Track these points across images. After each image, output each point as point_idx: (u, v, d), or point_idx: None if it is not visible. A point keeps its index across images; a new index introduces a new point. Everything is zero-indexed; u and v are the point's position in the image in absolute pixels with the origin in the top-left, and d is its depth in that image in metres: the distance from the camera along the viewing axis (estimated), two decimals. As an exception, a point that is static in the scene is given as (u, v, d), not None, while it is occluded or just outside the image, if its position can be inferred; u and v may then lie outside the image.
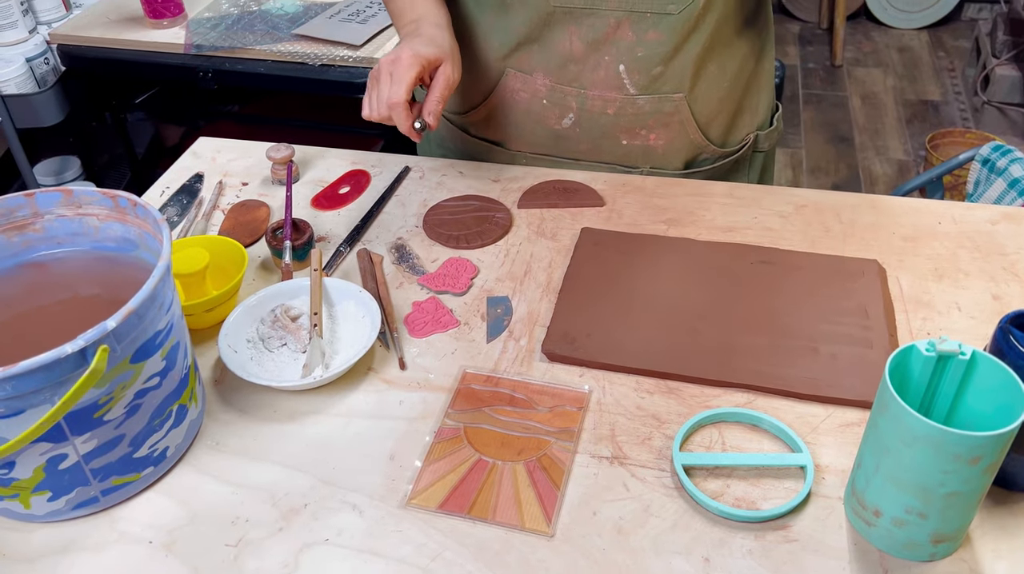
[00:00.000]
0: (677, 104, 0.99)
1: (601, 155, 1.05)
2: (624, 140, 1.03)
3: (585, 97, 0.99)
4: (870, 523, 0.62)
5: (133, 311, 0.60)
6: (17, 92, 1.78)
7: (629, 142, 1.03)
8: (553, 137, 1.05)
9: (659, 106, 0.99)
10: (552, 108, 1.02)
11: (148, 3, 1.70)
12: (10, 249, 0.74)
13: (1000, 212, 0.95)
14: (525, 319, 0.84)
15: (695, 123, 1.01)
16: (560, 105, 1.01)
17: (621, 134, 1.02)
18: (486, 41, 1.01)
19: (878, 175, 2.74)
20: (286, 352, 0.80)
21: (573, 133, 1.03)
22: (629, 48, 0.94)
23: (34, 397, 0.58)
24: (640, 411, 0.74)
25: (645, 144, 1.03)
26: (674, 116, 1.00)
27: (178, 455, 0.71)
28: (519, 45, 0.99)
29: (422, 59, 0.87)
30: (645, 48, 0.94)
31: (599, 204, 0.98)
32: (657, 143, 1.03)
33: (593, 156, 1.06)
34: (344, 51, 1.62)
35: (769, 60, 1.08)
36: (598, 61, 0.96)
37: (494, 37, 1.00)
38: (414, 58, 0.87)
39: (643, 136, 1.02)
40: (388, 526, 0.66)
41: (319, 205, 1.01)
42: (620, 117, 1.00)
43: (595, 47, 0.95)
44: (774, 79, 1.11)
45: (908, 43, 3.47)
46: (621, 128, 1.01)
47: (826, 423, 0.72)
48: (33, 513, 0.65)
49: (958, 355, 0.59)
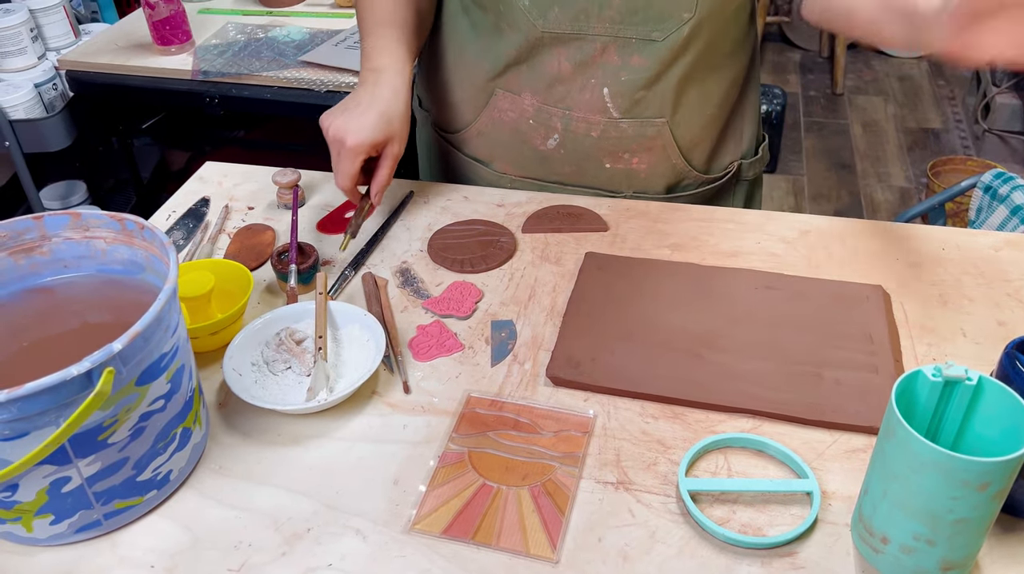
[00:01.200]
0: (659, 128, 1.00)
1: (584, 178, 1.06)
2: (607, 163, 1.04)
3: (570, 118, 1.01)
4: (878, 550, 0.62)
5: (139, 333, 0.60)
6: (25, 117, 1.79)
7: (612, 165, 1.04)
8: (538, 159, 1.06)
9: (641, 130, 1.00)
10: (538, 128, 1.03)
11: (156, 30, 1.72)
12: (17, 272, 0.74)
13: (1003, 239, 0.96)
14: (529, 343, 0.84)
15: (677, 148, 1.02)
16: (546, 126, 1.03)
17: (604, 157, 1.03)
18: (477, 63, 1.04)
19: (880, 202, 2.75)
20: (290, 375, 0.80)
21: (558, 155, 1.05)
22: (614, 72, 0.96)
23: (39, 419, 0.58)
24: (645, 436, 0.74)
25: (628, 168, 1.04)
26: (656, 140, 1.01)
27: (181, 479, 0.71)
28: (508, 66, 1.01)
29: (366, 147, 0.91)
30: (629, 72, 0.96)
31: (603, 229, 0.99)
32: (640, 167, 1.04)
33: (576, 179, 1.07)
34: (350, 78, 1.63)
35: (754, 90, 1.09)
36: (584, 83, 0.98)
37: (486, 59, 1.02)
38: (358, 147, 0.91)
39: (626, 160, 1.03)
40: (391, 551, 0.65)
41: (324, 229, 1.02)
42: (604, 140, 1.01)
43: (582, 69, 0.97)
44: (759, 109, 1.13)
45: (908, 72, 3.50)
46: (604, 151, 1.03)
47: (832, 449, 0.72)
48: (35, 537, 0.65)
49: (965, 380, 0.59)
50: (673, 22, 0.92)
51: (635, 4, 0.91)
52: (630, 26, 0.93)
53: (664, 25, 0.92)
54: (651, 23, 0.92)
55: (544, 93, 1.01)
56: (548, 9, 0.94)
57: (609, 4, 0.92)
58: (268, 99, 1.66)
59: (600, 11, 0.92)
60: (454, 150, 1.14)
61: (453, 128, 1.13)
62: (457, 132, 1.12)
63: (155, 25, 1.71)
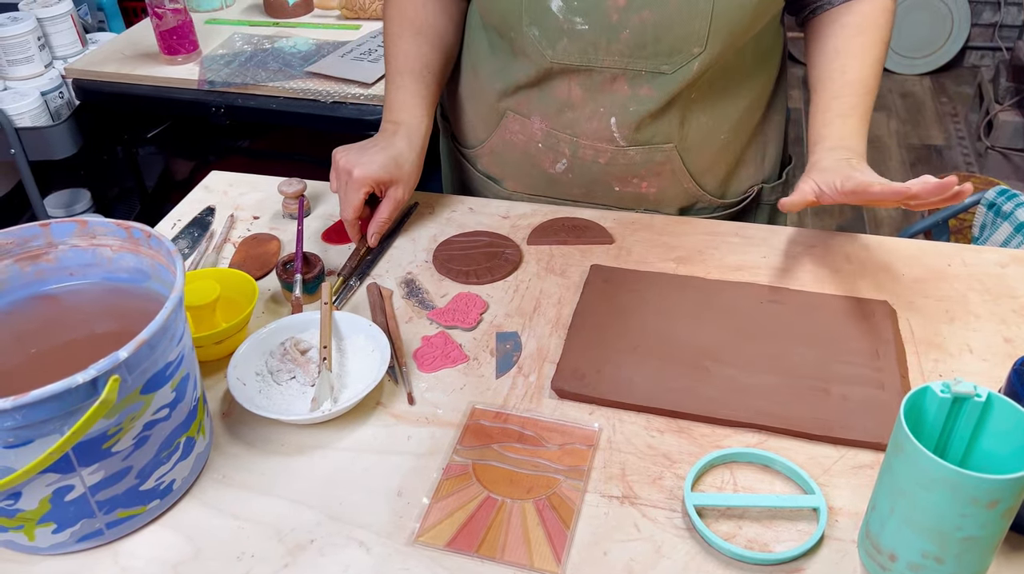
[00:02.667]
0: (668, 154, 0.99)
1: (595, 199, 1.06)
2: (616, 187, 1.03)
3: (577, 145, 1.00)
4: (885, 568, 0.61)
5: (145, 342, 0.60)
6: (31, 125, 1.80)
7: (622, 189, 1.04)
8: (548, 180, 1.06)
9: (650, 156, 1.00)
10: (547, 152, 1.03)
11: (163, 40, 1.73)
12: (23, 279, 0.74)
13: (1010, 255, 0.95)
14: (535, 355, 0.83)
15: (687, 172, 1.01)
16: (554, 150, 1.02)
17: (613, 181, 1.03)
18: (491, 83, 1.04)
19: (883, 218, 2.75)
20: (295, 385, 0.80)
21: (566, 178, 1.04)
22: (623, 102, 0.96)
23: (43, 427, 0.57)
24: (651, 450, 0.73)
25: (637, 191, 1.04)
26: (665, 165, 1.00)
27: (184, 488, 0.70)
28: (519, 89, 1.01)
29: (372, 181, 0.95)
30: (637, 103, 0.95)
31: (608, 242, 0.99)
32: (649, 191, 1.03)
33: (587, 200, 1.06)
34: (356, 89, 1.64)
35: (778, 112, 1.07)
36: (593, 111, 0.97)
37: (499, 80, 1.02)
38: (364, 180, 0.94)
39: (635, 184, 1.03)
40: (395, 563, 0.65)
41: (330, 239, 1.02)
42: (612, 166, 1.01)
43: (592, 95, 0.96)
44: (783, 132, 1.11)
45: (911, 88, 3.51)
46: (613, 176, 1.02)
47: (838, 465, 0.72)
48: (37, 545, 0.65)
49: (973, 397, 0.59)
50: (683, 56, 0.91)
51: (643, 39, 0.90)
52: (639, 59, 0.92)
53: (673, 59, 0.91)
54: (661, 57, 0.91)
55: (553, 118, 1.00)
56: (557, 40, 0.93)
57: (617, 38, 0.91)
58: (274, 109, 1.66)
59: (608, 44, 0.91)
60: (468, 165, 1.14)
61: (468, 144, 1.13)
62: (471, 148, 1.12)
63: (162, 35, 1.72)
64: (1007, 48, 3.40)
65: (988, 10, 3.48)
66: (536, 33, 0.93)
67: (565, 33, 0.92)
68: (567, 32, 0.92)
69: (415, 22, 1.04)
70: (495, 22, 0.98)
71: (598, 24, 0.90)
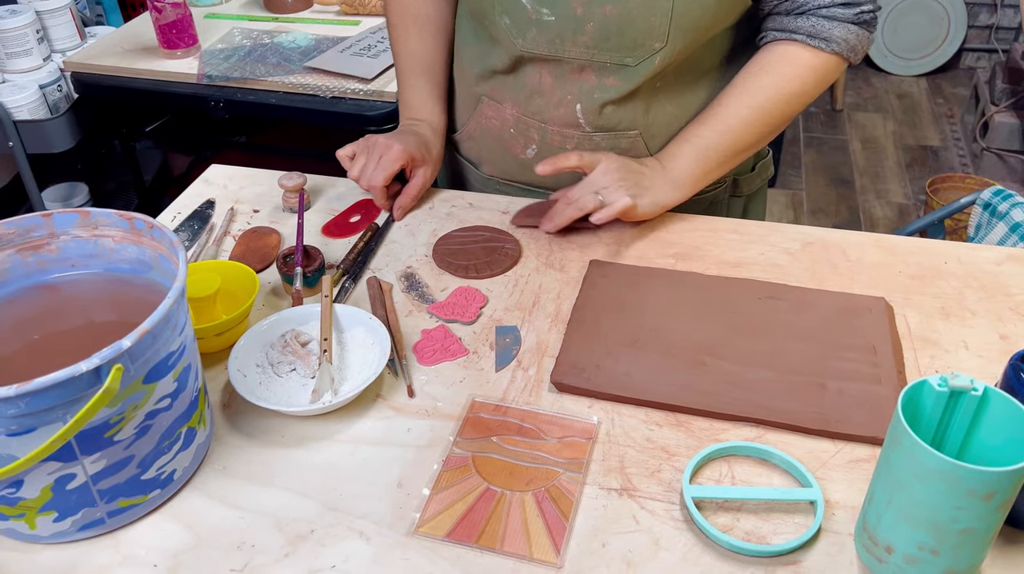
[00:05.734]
0: (632, 140, 1.01)
1: (564, 185, 1.06)
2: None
3: (546, 131, 1.03)
4: (882, 560, 0.62)
5: (148, 331, 0.60)
6: (30, 118, 1.79)
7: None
8: (520, 166, 1.08)
9: (615, 142, 1.01)
10: (518, 138, 1.06)
11: (162, 33, 1.73)
12: (24, 269, 0.74)
13: (1005, 253, 0.96)
14: (534, 349, 0.84)
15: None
16: (524, 136, 1.05)
17: None
18: (471, 68, 1.07)
19: (879, 218, 2.76)
20: (295, 377, 0.80)
21: (536, 163, 1.05)
22: (589, 90, 0.98)
23: (46, 415, 0.58)
24: (649, 443, 0.74)
25: None
26: (630, 152, 1.02)
27: (185, 478, 0.71)
28: (494, 75, 1.04)
29: (410, 155, 1.03)
30: (602, 92, 0.97)
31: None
32: None
33: (557, 186, 1.07)
34: (355, 84, 1.64)
35: None
36: (561, 98, 1.00)
37: (477, 65, 1.05)
38: (404, 152, 1.02)
39: None
40: (395, 554, 0.65)
41: (329, 233, 1.02)
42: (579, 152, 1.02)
43: (561, 83, 0.99)
44: None
45: (907, 89, 3.53)
46: None
47: (835, 458, 0.72)
48: (38, 534, 0.65)
49: (970, 391, 0.60)
50: (645, 50, 0.93)
51: (607, 32, 0.93)
52: (604, 51, 0.94)
53: (636, 53, 0.94)
54: (624, 50, 0.94)
55: (523, 105, 1.03)
56: (527, 30, 0.96)
57: (583, 30, 0.93)
58: (273, 104, 1.66)
59: (575, 36, 0.94)
60: (452, 150, 1.17)
61: (451, 129, 1.16)
62: (454, 133, 1.15)
63: (161, 29, 1.72)
64: (1003, 50, 3.42)
65: (984, 12, 3.49)
66: (507, 22, 0.96)
67: (534, 23, 0.95)
68: (535, 23, 0.94)
69: (418, 18, 1.07)
70: (473, 9, 1.01)
71: (564, 16, 0.93)
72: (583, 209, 0.95)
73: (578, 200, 0.95)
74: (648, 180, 0.97)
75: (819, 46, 0.93)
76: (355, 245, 0.98)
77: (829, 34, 0.92)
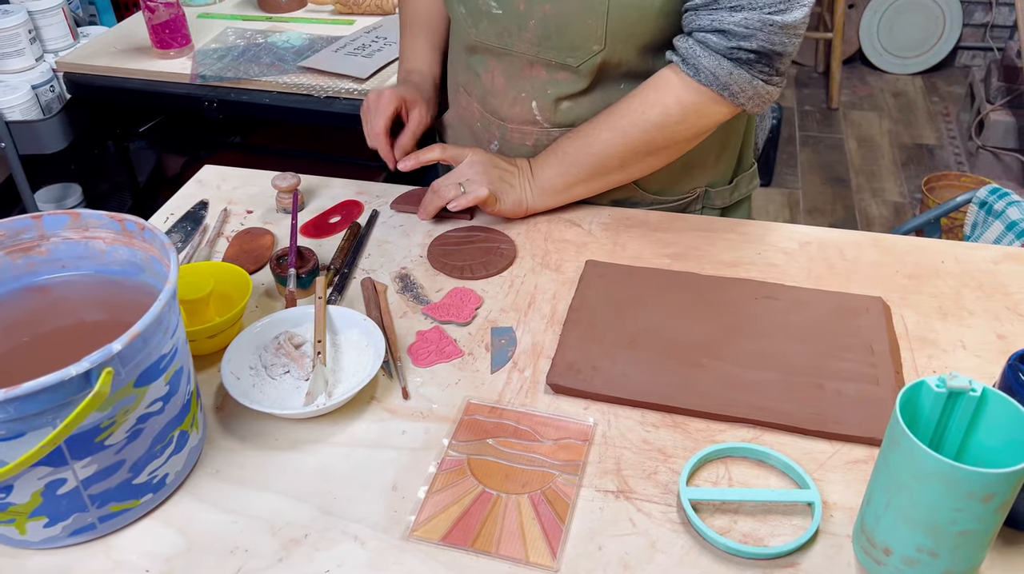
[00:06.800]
0: None
1: None
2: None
3: (505, 128, 1.04)
4: (880, 562, 0.61)
5: (139, 334, 0.59)
6: (22, 119, 1.78)
7: None
8: None
9: None
10: (483, 132, 1.07)
11: (156, 34, 1.72)
12: (14, 271, 0.74)
13: (1003, 252, 0.96)
14: (529, 350, 0.83)
15: None
16: (488, 131, 1.07)
17: None
18: (452, 60, 1.10)
19: (874, 216, 2.76)
20: (289, 380, 0.79)
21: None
22: (542, 86, 0.98)
23: (36, 420, 0.57)
24: (646, 445, 0.73)
25: None
26: None
27: (177, 482, 0.70)
28: (466, 69, 1.05)
29: (400, 97, 1.06)
30: (555, 87, 0.98)
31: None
32: None
33: None
34: (349, 84, 1.63)
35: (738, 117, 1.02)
36: (516, 97, 1.00)
37: (456, 56, 1.08)
38: (393, 95, 1.05)
39: None
40: (390, 558, 0.65)
41: (308, 233, 1.01)
42: (539, 148, 1.03)
43: (513, 82, 1.00)
44: (739, 141, 1.08)
45: (903, 88, 3.53)
46: None
47: (833, 460, 0.72)
48: (28, 539, 0.64)
49: (969, 392, 0.59)
50: (584, 52, 0.93)
51: (547, 31, 0.93)
52: (547, 49, 0.94)
53: (576, 54, 0.93)
54: (565, 50, 0.94)
55: (482, 102, 1.04)
56: (479, 20, 0.97)
57: (526, 27, 0.94)
58: (267, 104, 1.65)
59: (520, 31, 0.95)
60: (438, 136, 1.19)
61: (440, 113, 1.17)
62: (439, 119, 1.17)
63: (155, 29, 1.71)
64: (998, 48, 3.42)
65: (980, 10, 3.49)
66: (463, 11, 0.99)
67: (484, 15, 0.96)
68: (485, 14, 0.96)
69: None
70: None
71: (509, 11, 0.94)
72: (444, 198, 0.98)
73: (440, 190, 0.98)
74: (514, 179, 1.00)
75: (687, 72, 0.88)
76: (340, 246, 0.97)
77: (697, 62, 0.87)
